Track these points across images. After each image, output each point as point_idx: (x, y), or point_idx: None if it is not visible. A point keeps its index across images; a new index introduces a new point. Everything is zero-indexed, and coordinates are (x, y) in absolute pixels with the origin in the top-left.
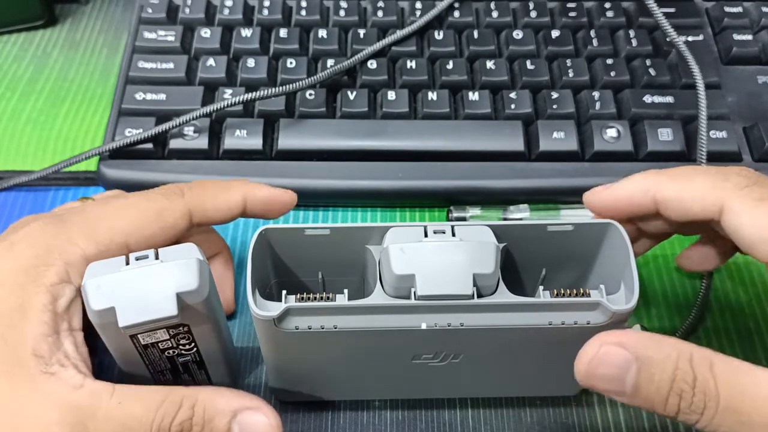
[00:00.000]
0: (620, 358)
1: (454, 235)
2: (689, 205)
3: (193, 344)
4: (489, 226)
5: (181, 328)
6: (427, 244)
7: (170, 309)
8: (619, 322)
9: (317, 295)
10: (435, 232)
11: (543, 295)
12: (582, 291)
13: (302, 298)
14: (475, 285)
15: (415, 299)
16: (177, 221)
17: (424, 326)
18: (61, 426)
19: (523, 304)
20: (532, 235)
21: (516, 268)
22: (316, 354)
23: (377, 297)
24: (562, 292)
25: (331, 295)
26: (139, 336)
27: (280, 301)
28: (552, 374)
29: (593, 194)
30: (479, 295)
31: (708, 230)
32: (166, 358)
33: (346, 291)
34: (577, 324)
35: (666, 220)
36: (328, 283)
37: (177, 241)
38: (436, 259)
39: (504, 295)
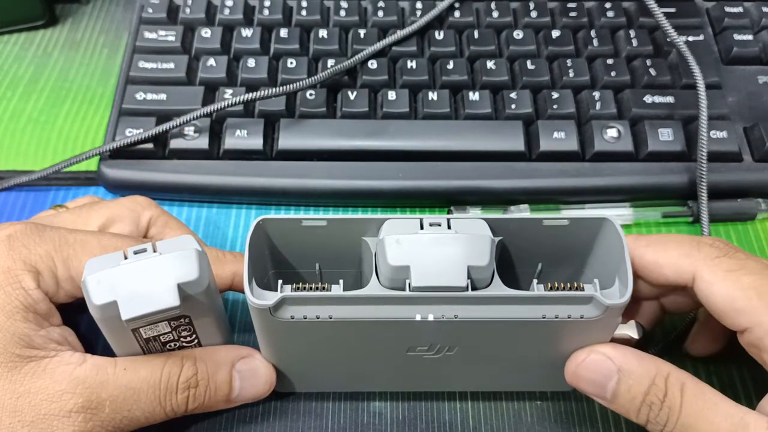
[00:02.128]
0: (605, 366)
1: (449, 227)
2: (665, 270)
3: (194, 335)
4: (485, 219)
5: (182, 320)
6: (422, 236)
7: (172, 300)
8: (612, 316)
9: (313, 285)
10: (431, 225)
11: (537, 289)
12: (576, 285)
13: (298, 288)
14: (469, 277)
15: (409, 290)
16: None
17: (418, 317)
18: (74, 395)
19: (517, 297)
20: (528, 229)
21: (512, 263)
22: (311, 344)
23: (372, 288)
24: (556, 285)
25: (326, 286)
26: (141, 329)
27: (277, 291)
28: (546, 368)
29: None
30: (473, 288)
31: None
32: (168, 351)
33: (341, 281)
34: (571, 318)
35: (647, 284)
36: (325, 275)
37: None
38: (431, 251)
39: (498, 288)
